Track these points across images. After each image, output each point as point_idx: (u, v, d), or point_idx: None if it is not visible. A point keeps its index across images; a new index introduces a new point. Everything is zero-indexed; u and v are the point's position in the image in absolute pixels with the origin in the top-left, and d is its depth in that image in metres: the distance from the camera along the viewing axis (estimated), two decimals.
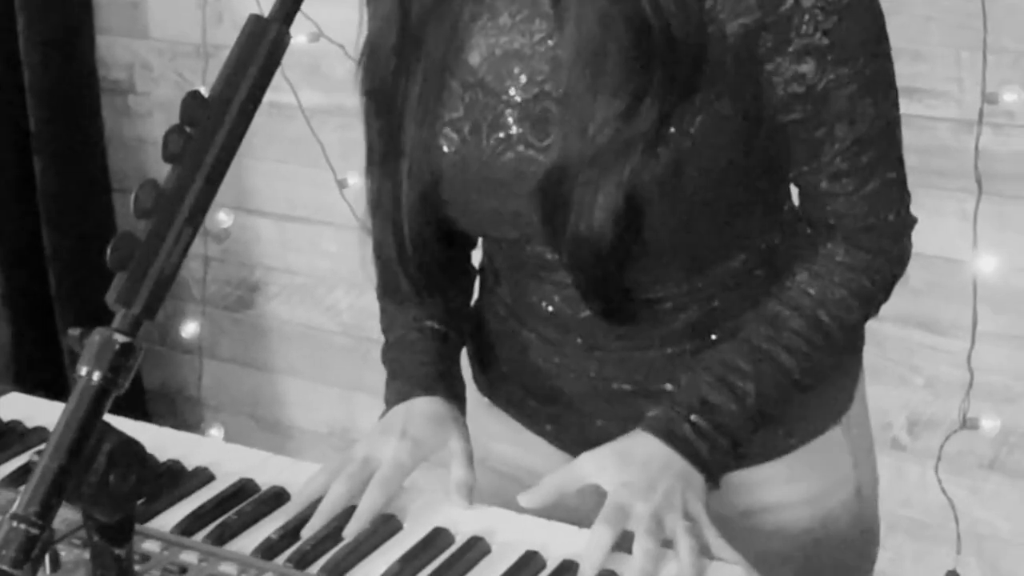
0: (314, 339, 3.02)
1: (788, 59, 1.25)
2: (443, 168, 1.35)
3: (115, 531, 1.01)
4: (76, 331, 0.94)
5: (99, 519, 1.00)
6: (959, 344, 2.32)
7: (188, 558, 1.26)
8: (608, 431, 1.38)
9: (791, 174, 1.35)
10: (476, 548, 1.28)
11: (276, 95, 2.36)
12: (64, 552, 1.24)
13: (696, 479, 1.30)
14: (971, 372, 2.31)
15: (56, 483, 0.91)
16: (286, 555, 1.27)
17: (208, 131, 0.96)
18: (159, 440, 1.38)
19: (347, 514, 1.32)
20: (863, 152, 1.30)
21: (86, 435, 0.93)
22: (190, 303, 3.12)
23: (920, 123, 2.24)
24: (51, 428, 0.94)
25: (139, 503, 1.00)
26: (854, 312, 1.36)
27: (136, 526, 1.04)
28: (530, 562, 1.26)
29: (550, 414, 1.50)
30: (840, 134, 1.28)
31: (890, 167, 1.33)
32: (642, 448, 1.31)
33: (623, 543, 1.25)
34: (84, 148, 3.03)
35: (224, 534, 1.30)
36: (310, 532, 1.30)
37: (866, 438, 1.55)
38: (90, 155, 3.04)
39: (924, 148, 2.23)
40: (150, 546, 1.27)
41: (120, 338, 0.93)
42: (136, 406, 3.03)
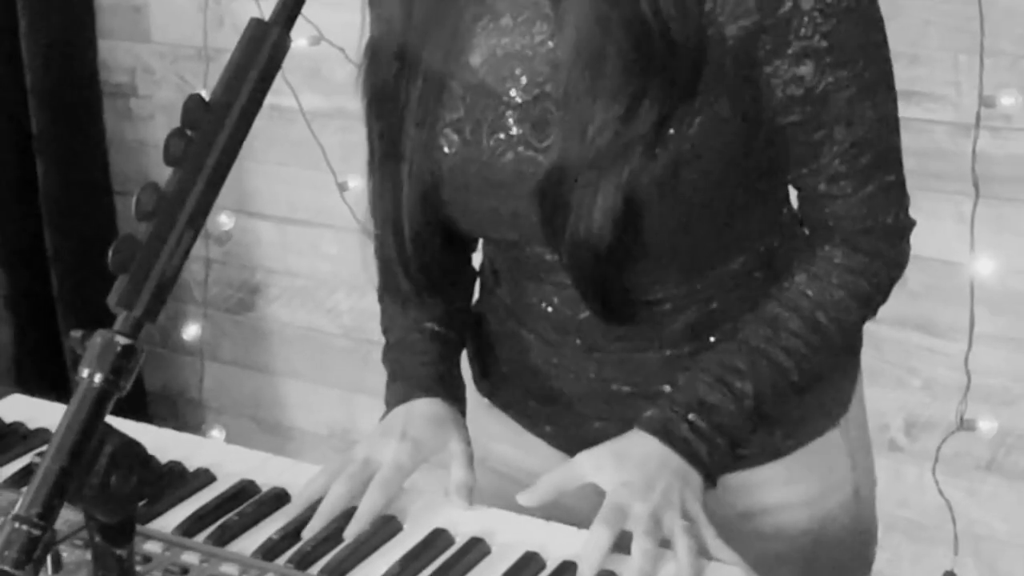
0: (315, 341, 3.02)
1: (787, 61, 1.25)
2: (443, 169, 1.35)
3: (117, 532, 1.01)
4: (78, 333, 0.95)
5: (101, 520, 1.00)
6: (956, 346, 2.31)
7: (189, 559, 1.26)
8: (607, 432, 1.37)
9: (790, 176, 1.35)
10: (476, 549, 1.28)
11: (277, 98, 2.37)
12: (66, 553, 1.24)
13: (694, 478, 1.30)
14: (968, 374, 2.31)
15: (58, 484, 0.91)
16: (287, 556, 1.27)
17: (209, 134, 0.97)
18: (160, 441, 1.38)
19: (347, 515, 1.32)
20: (862, 155, 1.30)
21: (88, 437, 0.93)
22: (191, 305, 3.12)
23: (918, 126, 2.23)
24: (53, 430, 0.94)
25: (140, 504, 1.00)
26: (852, 314, 1.36)
27: (137, 527, 1.04)
28: (530, 563, 1.26)
29: (549, 415, 1.50)
30: (839, 136, 1.28)
31: (889, 170, 1.33)
32: (639, 447, 1.32)
33: (621, 543, 1.25)
34: (86, 150, 3.02)
35: (225, 535, 1.30)
36: (311, 533, 1.30)
37: (864, 440, 1.55)
38: (92, 157, 3.04)
39: (922, 151, 2.23)
40: (151, 547, 1.27)
41: (122, 340, 0.93)
42: (138, 408, 3.03)
